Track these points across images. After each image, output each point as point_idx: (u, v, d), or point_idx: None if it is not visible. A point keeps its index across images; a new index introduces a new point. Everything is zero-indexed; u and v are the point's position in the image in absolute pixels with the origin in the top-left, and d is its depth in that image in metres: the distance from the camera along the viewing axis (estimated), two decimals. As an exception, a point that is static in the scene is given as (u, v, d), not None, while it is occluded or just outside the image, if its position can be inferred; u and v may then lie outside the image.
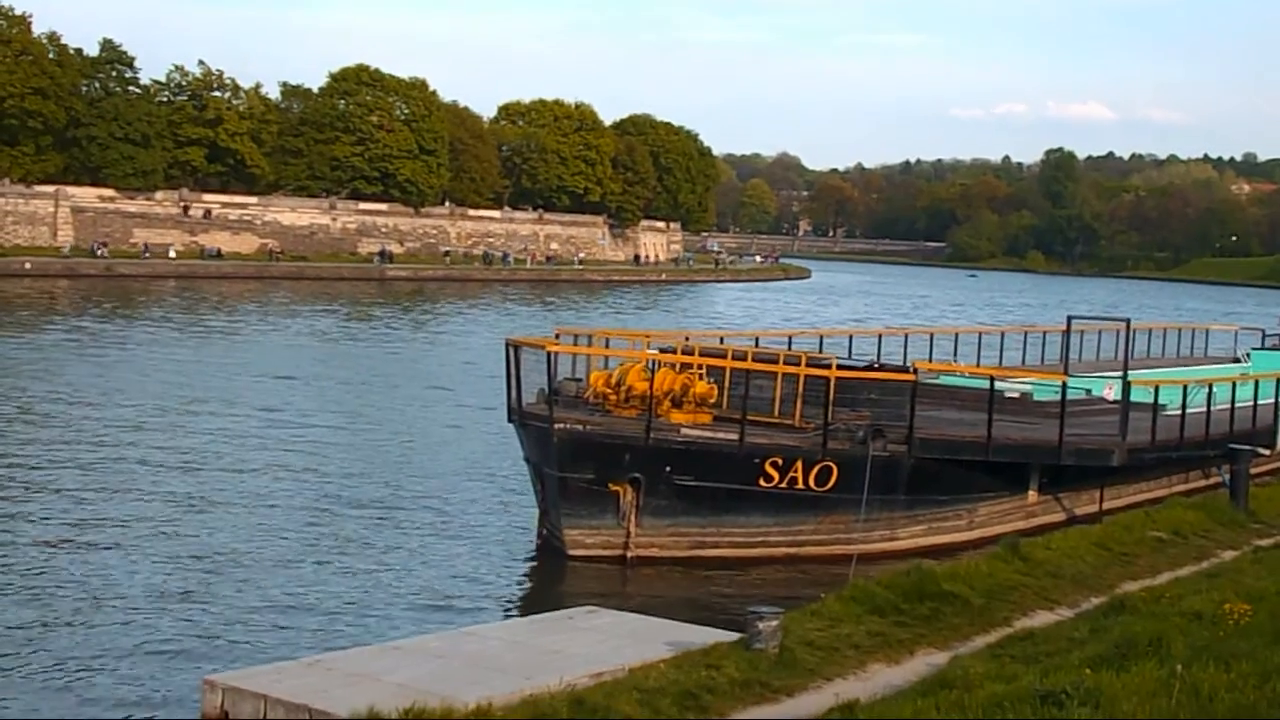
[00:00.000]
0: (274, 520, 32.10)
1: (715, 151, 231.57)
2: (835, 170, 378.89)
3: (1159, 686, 14.00)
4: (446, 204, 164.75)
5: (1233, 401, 38.46)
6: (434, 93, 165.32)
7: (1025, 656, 18.22)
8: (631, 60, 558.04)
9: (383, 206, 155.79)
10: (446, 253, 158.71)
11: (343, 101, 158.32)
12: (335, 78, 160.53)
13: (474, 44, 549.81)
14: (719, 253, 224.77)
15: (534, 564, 30.15)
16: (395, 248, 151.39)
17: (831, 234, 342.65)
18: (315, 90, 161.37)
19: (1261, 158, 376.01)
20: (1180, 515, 30.88)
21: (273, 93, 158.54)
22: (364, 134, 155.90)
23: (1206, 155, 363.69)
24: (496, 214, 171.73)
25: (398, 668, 18.19)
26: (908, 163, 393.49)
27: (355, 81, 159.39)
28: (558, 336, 35.02)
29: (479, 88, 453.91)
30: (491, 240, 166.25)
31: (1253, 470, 34.69)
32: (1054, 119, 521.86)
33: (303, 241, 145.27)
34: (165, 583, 26.51)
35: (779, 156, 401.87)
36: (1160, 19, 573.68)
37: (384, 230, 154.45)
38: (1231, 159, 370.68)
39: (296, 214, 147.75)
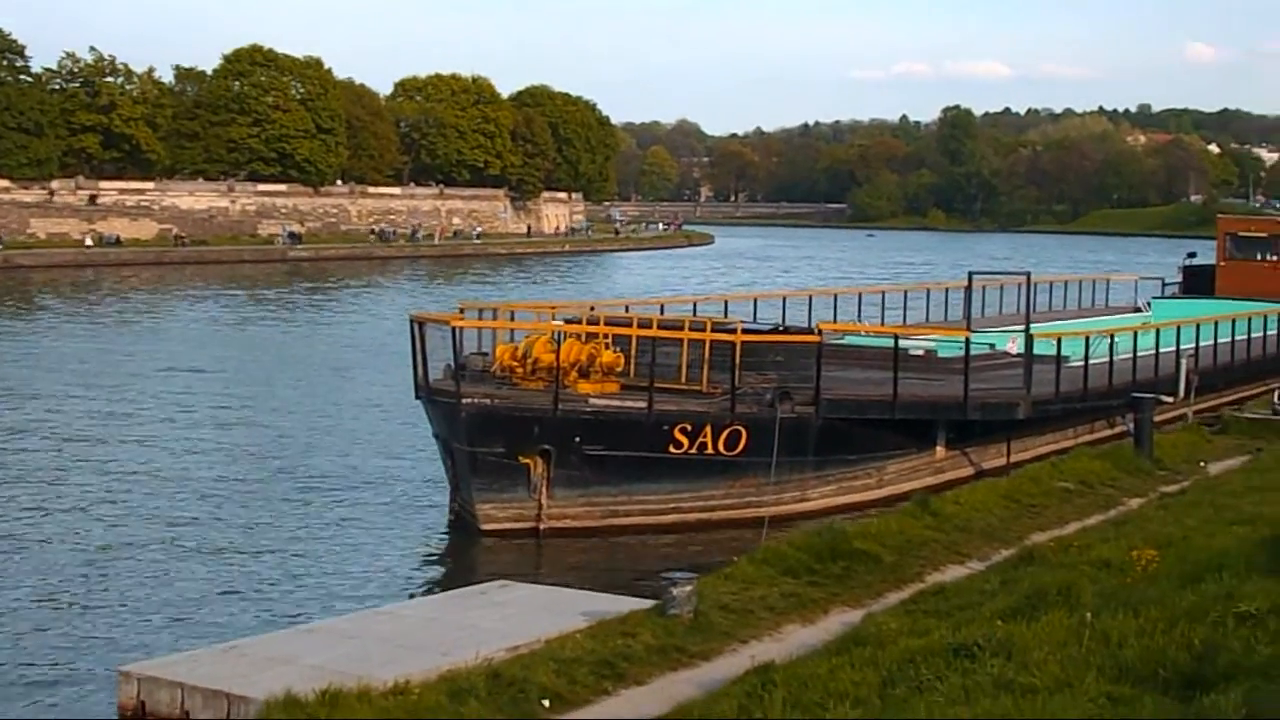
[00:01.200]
0: (182, 507, 31.78)
1: (614, 120, 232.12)
2: (735, 135, 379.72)
3: (1069, 635, 14.12)
4: (345, 182, 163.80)
5: (1135, 351, 38.83)
6: (329, 71, 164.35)
7: (937, 611, 18.36)
8: (527, 32, 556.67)
9: (282, 187, 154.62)
10: (373, 232, 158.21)
11: (237, 83, 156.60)
12: (229, 59, 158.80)
13: (368, 20, 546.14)
14: (620, 221, 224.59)
15: (446, 541, 30.08)
16: (296, 228, 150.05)
17: (733, 199, 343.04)
18: (209, 72, 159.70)
19: (1156, 108, 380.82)
20: (1086, 465, 31.24)
21: (166, 76, 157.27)
22: (260, 115, 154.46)
23: (1102, 108, 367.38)
24: (397, 190, 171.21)
25: (313, 650, 18.08)
26: (806, 125, 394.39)
27: (249, 62, 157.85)
28: (462, 311, 34.85)
29: (375, 64, 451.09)
30: (393, 217, 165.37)
31: (1156, 418, 35.07)
32: (952, 77, 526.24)
33: (202, 225, 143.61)
34: (73, 574, 26.21)
35: (678, 123, 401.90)
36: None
37: (284, 211, 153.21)
38: (1126, 110, 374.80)
39: (195, 198, 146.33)
